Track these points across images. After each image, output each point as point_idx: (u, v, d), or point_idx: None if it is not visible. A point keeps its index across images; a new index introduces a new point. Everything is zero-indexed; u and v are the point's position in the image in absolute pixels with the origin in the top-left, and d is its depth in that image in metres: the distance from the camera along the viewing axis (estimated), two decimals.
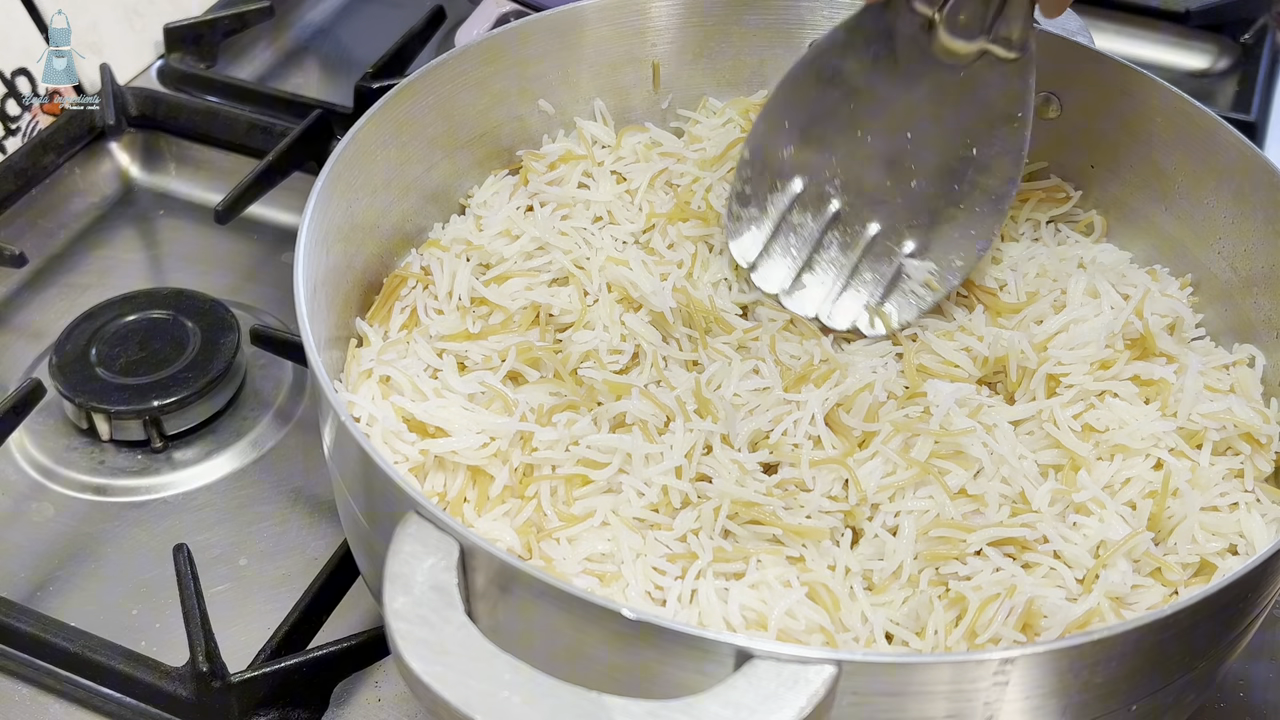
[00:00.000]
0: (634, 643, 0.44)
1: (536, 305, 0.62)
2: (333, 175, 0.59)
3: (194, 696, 0.59)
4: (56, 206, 0.89)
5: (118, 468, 0.73)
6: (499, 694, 0.41)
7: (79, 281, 0.84)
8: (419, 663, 0.42)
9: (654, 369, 0.60)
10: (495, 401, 0.58)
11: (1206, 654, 0.50)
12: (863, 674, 0.42)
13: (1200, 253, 0.66)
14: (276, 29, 1.04)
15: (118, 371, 0.74)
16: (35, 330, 0.81)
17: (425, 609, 0.43)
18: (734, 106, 0.73)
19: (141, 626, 0.65)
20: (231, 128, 0.90)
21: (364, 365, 0.60)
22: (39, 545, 0.69)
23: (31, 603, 0.65)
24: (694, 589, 0.52)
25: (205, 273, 0.84)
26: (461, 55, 0.67)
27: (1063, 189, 0.71)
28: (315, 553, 0.68)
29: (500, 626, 0.47)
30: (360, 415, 0.57)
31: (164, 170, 0.93)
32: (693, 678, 0.43)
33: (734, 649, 0.42)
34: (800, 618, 0.51)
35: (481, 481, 0.56)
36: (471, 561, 0.46)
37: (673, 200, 0.68)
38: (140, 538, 0.70)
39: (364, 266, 0.64)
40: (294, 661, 0.60)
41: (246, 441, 0.74)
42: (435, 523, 0.46)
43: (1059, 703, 0.45)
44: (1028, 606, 0.50)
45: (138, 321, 0.77)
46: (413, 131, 0.66)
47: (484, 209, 0.69)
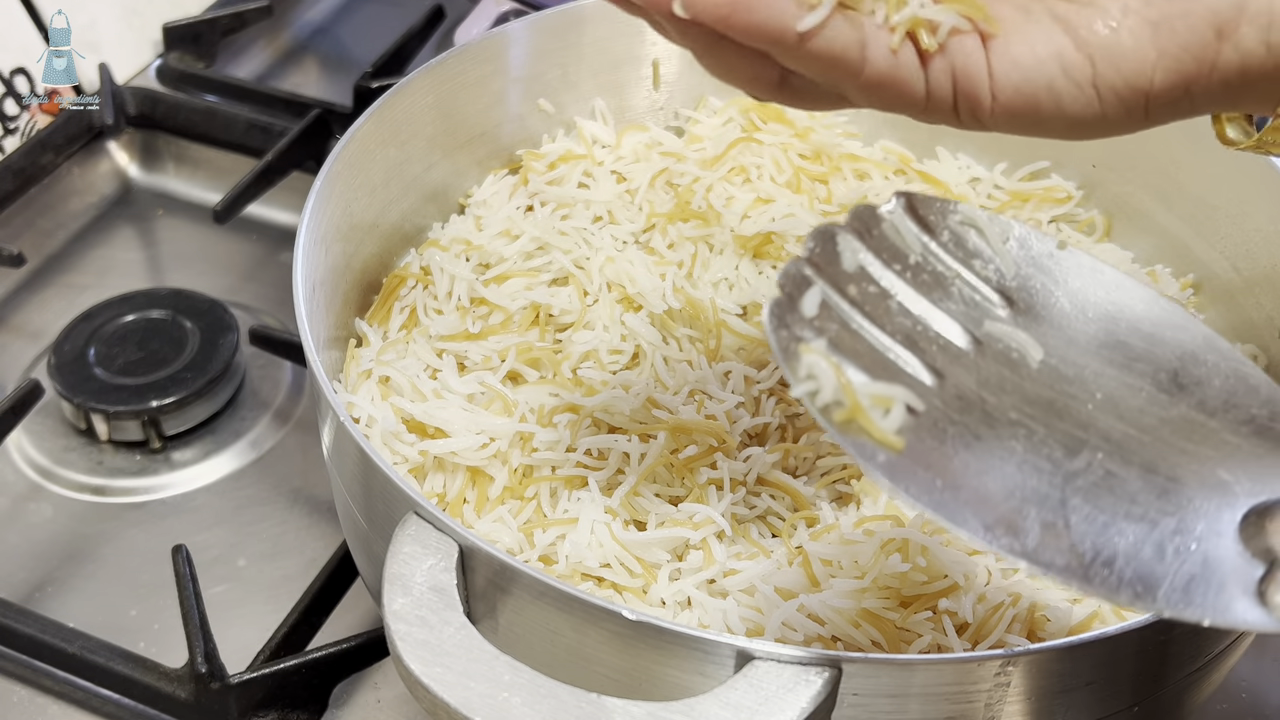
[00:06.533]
0: (634, 644, 0.44)
1: (536, 305, 0.62)
2: (331, 175, 0.59)
3: (192, 698, 0.59)
4: (55, 206, 0.89)
5: (116, 468, 0.73)
6: (498, 695, 0.41)
7: (77, 281, 0.84)
8: (418, 664, 0.42)
9: (653, 369, 0.60)
10: (495, 402, 0.58)
11: (1209, 655, 0.50)
12: (864, 675, 0.42)
13: (1202, 252, 0.66)
14: (275, 28, 1.04)
15: (116, 372, 0.74)
16: (33, 330, 0.81)
17: (424, 610, 0.43)
18: (734, 106, 0.73)
19: (140, 627, 0.65)
20: (230, 127, 0.90)
21: (363, 365, 0.60)
22: (37, 546, 0.69)
23: (29, 604, 0.65)
24: (689, 596, 0.52)
25: (204, 273, 0.84)
26: (461, 54, 0.67)
27: (1063, 188, 0.71)
28: (314, 553, 0.68)
29: (500, 628, 0.47)
30: (359, 416, 0.57)
31: (163, 170, 0.93)
32: (693, 679, 0.43)
33: (735, 650, 0.42)
34: (798, 628, 0.50)
35: (481, 482, 0.56)
36: (471, 562, 0.46)
37: (673, 200, 0.68)
38: (139, 538, 0.69)
39: (363, 266, 0.64)
40: (293, 663, 0.60)
41: (245, 442, 0.74)
42: (435, 524, 0.46)
43: (1061, 703, 0.45)
44: (1030, 612, 0.50)
45: (136, 322, 0.77)
46: (412, 131, 0.66)
47: (483, 208, 0.69)
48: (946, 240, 0.43)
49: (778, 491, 0.55)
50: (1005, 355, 0.42)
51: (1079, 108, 0.40)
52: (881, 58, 0.40)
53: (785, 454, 0.57)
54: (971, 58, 0.40)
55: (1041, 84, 0.40)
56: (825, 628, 0.50)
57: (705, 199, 0.67)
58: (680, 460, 0.55)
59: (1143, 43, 0.39)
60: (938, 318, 0.42)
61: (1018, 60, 0.40)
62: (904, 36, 0.40)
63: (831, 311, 0.40)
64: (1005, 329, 0.42)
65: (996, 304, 0.43)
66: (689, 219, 0.66)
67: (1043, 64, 0.40)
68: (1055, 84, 0.40)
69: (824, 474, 0.56)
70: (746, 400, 0.59)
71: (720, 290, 0.64)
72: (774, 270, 0.65)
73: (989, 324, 0.42)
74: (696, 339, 0.61)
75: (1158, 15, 0.40)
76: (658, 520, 0.54)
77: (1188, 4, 0.39)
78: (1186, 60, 0.39)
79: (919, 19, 0.40)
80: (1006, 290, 0.43)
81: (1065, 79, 0.40)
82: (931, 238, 0.43)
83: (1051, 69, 0.40)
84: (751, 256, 0.65)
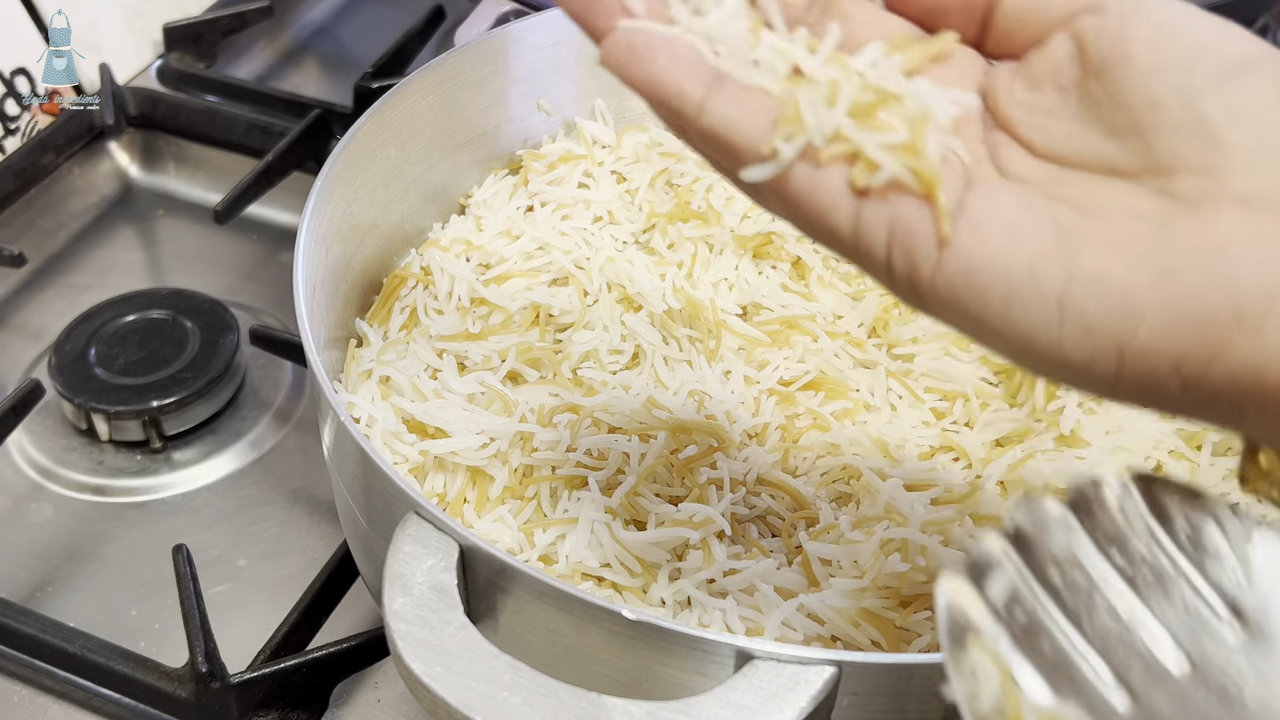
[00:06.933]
0: (634, 644, 0.44)
1: (536, 305, 0.62)
2: (332, 175, 0.59)
3: (193, 697, 0.59)
4: (55, 206, 0.89)
5: (117, 468, 0.73)
6: (499, 695, 0.41)
7: (78, 281, 0.84)
8: (419, 664, 0.42)
9: (653, 369, 0.60)
10: (495, 402, 0.58)
11: None
12: (864, 674, 0.42)
13: None
14: (276, 28, 1.04)
15: (117, 372, 0.74)
16: (34, 330, 0.81)
17: (425, 610, 0.43)
18: None
19: (140, 627, 0.65)
20: (231, 127, 0.90)
21: (363, 365, 0.60)
22: (38, 546, 0.69)
23: (30, 603, 0.65)
24: (689, 596, 0.52)
25: (204, 273, 0.84)
26: (461, 55, 0.67)
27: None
28: (315, 553, 0.68)
29: (500, 627, 0.47)
30: (360, 416, 0.57)
31: (163, 170, 0.93)
32: (693, 679, 0.43)
33: (734, 650, 0.42)
34: (798, 628, 0.50)
35: (481, 482, 0.56)
36: (471, 562, 0.46)
37: (673, 200, 0.68)
38: (139, 538, 0.69)
39: (363, 266, 0.64)
40: (293, 662, 0.60)
41: (246, 442, 0.74)
42: (435, 523, 0.46)
43: None
44: None
45: (137, 322, 0.77)
46: (412, 131, 0.66)
47: (484, 209, 0.69)
48: (1180, 530, 0.35)
49: (777, 491, 0.56)
50: (1222, 687, 0.33)
51: (1034, 324, 0.31)
52: (799, 167, 0.33)
53: (785, 454, 0.57)
54: (921, 210, 0.32)
55: (998, 275, 0.31)
56: (825, 627, 0.50)
57: (705, 199, 0.67)
58: (680, 460, 0.55)
59: (1139, 281, 0.30)
60: (1150, 626, 0.33)
61: (983, 230, 0.32)
62: (837, 156, 0.33)
63: (1023, 600, 0.33)
64: (1228, 655, 0.33)
65: (1224, 619, 0.34)
66: (689, 219, 0.66)
67: (1010, 250, 0.32)
68: (1015, 282, 0.31)
69: (824, 474, 0.56)
70: (746, 400, 0.59)
71: (720, 290, 0.64)
72: (774, 270, 0.65)
73: (1208, 644, 0.33)
74: (696, 339, 0.61)
75: (1170, 262, 0.31)
76: (657, 520, 0.54)
77: (1209, 267, 0.30)
78: (1184, 332, 0.30)
79: (855, 146, 0.33)
80: (1239, 605, 0.34)
81: (1030, 281, 0.31)
82: (1162, 526, 0.35)
83: (1017, 262, 0.31)
84: (751, 256, 0.65)
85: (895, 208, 0.33)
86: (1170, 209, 0.31)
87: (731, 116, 0.34)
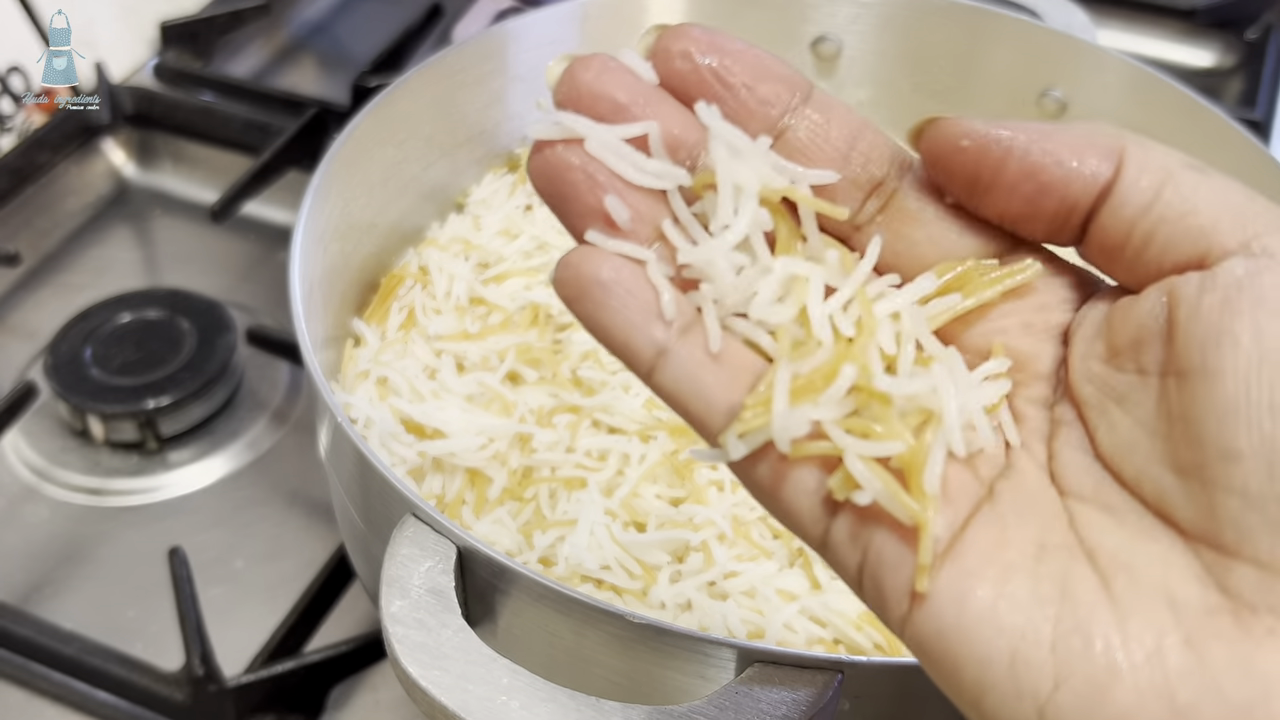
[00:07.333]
0: (634, 646, 0.43)
1: (536, 305, 0.62)
2: (329, 173, 0.59)
3: (189, 700, 0.58)
4: (50, 205, 0.88)
5: (112, 469, 0.72)
6: (497, 699, 0.41)
7: (73, 281, 0.84)
8: (416, 667, 0.42)
9: None
10: (494, 402, 0.58)
11: None
12: (865, 678, 0.42)
13: None
14: (272, 26, 1.04)
15: (112, 372, 0.73)
16: (29, 331, 0.80)
17: (422, 612, 0.43)
18: None
19: (136, 630, 0.65)
20: (227, 125, 0.90)
21: (361, 366, 0.59)
22: (33, 548, 0.69)
23: (25, 606, 0.65)
24: (690, 598, 0.52)
25: (201, 272, 0.84)
26: (459, 52, 0.67)
27: None
28: (312, 555, 0.67)
29: (498, 630, 0.47)
30: (357, 416, 0.56)
31: (159, 168, 0.92)
32: (693, 682, 0.43)
33: (735, 652, 0.42)
34: (799, 631, 0.50)
35: (480, 484, 0.56)
36: (469, 564, 0.45)
37: None
38: (135, 540, 0.69)
39: (361, 266, 0.64)
40: (290, 665, 0.59)
41: (242, 443, 0.74)
42: (433, 525, 0.45)
43: None
44: None
45: (133, 322, 0.77)
46: (410, 129, 0.65)
47: (482, 207, 0.69)
48: None
49: None
50: None
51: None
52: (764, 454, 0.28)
53: None
54: (901, 548, 0.27)
55: (973, 654, 0.26)
56: (826, 630, 0.50)
57: None
58: (680, 461, 0.55)
59: (1146, 713, 0.24)
60: None
61: (964, 598, 0.26)
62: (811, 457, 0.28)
63: None
64: None
65: None
66: None
67: (999, 630, 0.26)
68: (991, 670, 0.26)
69: None
70: None
71: None
72: None
73: None
74: None
75: (1192, 694, 0.24)
76: (658, 522, 0.53)
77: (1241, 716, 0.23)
78: None
79: (836, 449, 0.27)
80: None
81: (1008, 674, 0.25)
82: None
83: (1000, 645, 0.25)
84: None
85: (872, 532, 0.27)
86: (1216, 606, 0.24)
87: (686, 384, 0.28)
